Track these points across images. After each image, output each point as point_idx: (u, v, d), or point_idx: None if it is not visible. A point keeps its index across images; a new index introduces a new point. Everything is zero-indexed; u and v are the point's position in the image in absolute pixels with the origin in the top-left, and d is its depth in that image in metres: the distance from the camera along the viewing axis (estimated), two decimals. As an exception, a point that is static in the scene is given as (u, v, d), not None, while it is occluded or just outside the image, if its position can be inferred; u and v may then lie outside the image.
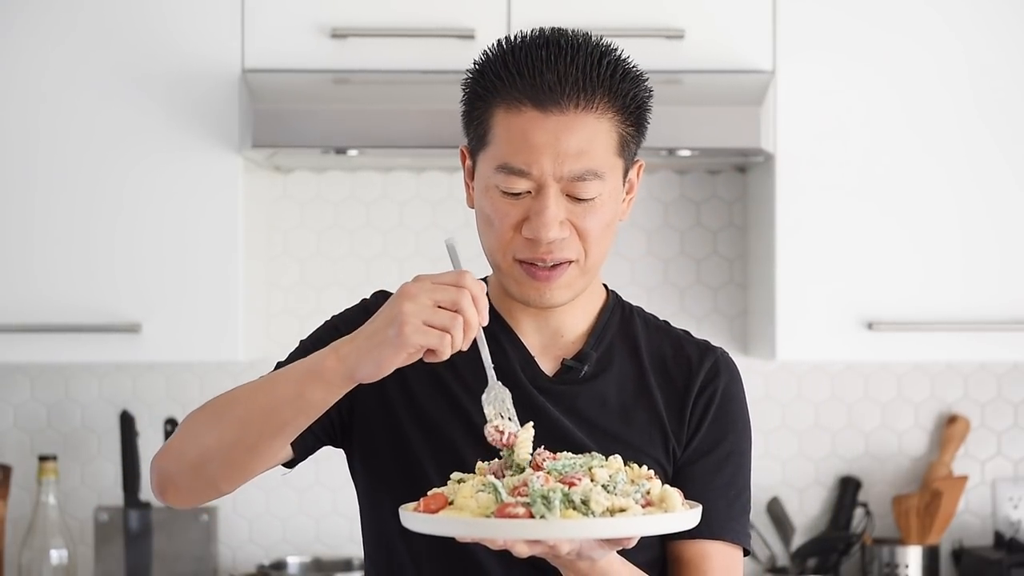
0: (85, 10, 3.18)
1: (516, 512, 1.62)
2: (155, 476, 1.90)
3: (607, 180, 1.84)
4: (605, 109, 1.83)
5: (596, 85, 1.82)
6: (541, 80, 1.81)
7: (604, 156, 1.83)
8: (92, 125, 3.19)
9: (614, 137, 1.84)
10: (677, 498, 1.69)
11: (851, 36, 3.21)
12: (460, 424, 1.90)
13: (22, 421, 3.58)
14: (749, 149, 3.16)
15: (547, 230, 1.81)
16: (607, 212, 1.85)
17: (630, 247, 3.57)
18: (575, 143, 1.81)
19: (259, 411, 1.79)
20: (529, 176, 1.82)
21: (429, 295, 1.69)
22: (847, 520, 3.54)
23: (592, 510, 1.63)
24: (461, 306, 1.69)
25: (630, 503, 1.65)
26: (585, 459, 1.72)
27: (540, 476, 1.66)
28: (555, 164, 1.81)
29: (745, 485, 1.96)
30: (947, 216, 3.22)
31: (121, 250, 3.19)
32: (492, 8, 3.18)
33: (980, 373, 3.59)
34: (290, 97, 3.16)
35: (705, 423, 1.93)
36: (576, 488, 1.64)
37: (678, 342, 1.98)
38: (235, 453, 1.81)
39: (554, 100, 1.80)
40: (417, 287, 1.70)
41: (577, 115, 1.81)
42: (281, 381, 1.78)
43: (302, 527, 3.58)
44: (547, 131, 1.81)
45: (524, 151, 1.81)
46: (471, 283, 1.71)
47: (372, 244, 3.59)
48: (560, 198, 1.82)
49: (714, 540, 1.91)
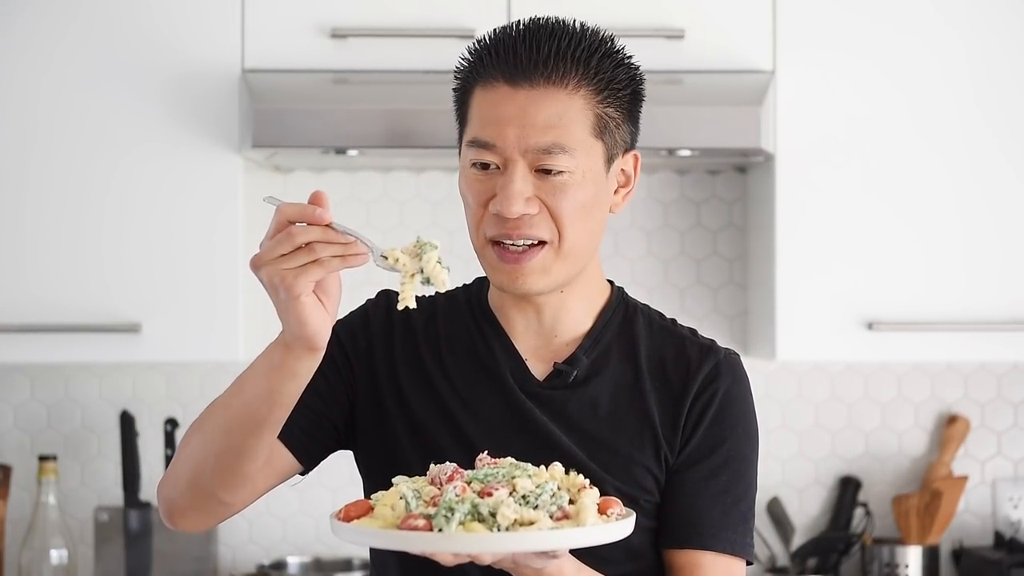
0: (85, 10, 3.19)
1: (416, 524, 1.60)
2: (161, 504, 1.91)
3: (577, 157, 1.80)
4: (578, 86, 1.81)
5: (570, 62, 1.80)
6: (515, 56, 1.80)
7: (575, 133, 1.80)
8: (92, 125, 3.19)
9: (589, 116, 1.81)
10: (590, 513, 1.64)
11: (851, 36, 3.21)
12: (446, 426, 1.88)
13: (22, 421, 3.58)
14: (749, 149, 3.16)
15: (510, 203, 1.79)
16: (581, 192, 1.81)
17: (630, 247, 3.57)
18: (543, 116, 1.79)
19: (237, 414, 1.78)
20: (495, 149, 1.80)
21: (269, 251, 1.64)
22: (847, 520, 3.54)
23: (498, 523, 1.60)
24: (297, 237, 1.63)
25: (540, 516, 1.61)
26: (509, 469, 1.68)
27: (458, 486, 1.63)
28: (520, 136, 1.79)
29: (745, 493, 1.90)
30: (947, 216, 3.22)
31: (121, 250, 3.19)
32: (492, 8, 3.18)
33: (980, 373, 3.59)
34: (290, 97, 3.16)
35: (701, 428, 1.88)
36: (488, 499, 1.62)
37: (680, 344, 1.93)
38: (225, 459, 1.81)
39: (525, 74, 1.80)
40: (259, 255, 1.65)
41: (547, 89, 1.80)
42: (249, 381, 1.77)
43: (302, 527, 3.58)
44: (515, 104, 1.80)
45: (492, 124, 1.80)
46: (288, 213, 1.63)
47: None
48: (528, 174, 1.80)
49: (706, 551, 1.86)
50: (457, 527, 1.59)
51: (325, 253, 1.64)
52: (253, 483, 1.85)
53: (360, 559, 3.48)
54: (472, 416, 1.88)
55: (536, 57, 1.80)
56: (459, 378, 1.89)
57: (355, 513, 1.67)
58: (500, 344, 1.91)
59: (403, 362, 1.92)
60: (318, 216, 1.63)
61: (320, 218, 1.63)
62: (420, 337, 1.93)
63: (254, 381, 1.77)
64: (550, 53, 1.80)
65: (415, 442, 1.88)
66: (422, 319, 1.94)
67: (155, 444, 3.54)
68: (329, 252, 1.64)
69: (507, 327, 1.92)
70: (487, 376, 1.89)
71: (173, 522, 1.90)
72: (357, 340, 1.94)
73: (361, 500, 1.70)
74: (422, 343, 1.92)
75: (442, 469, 1.70)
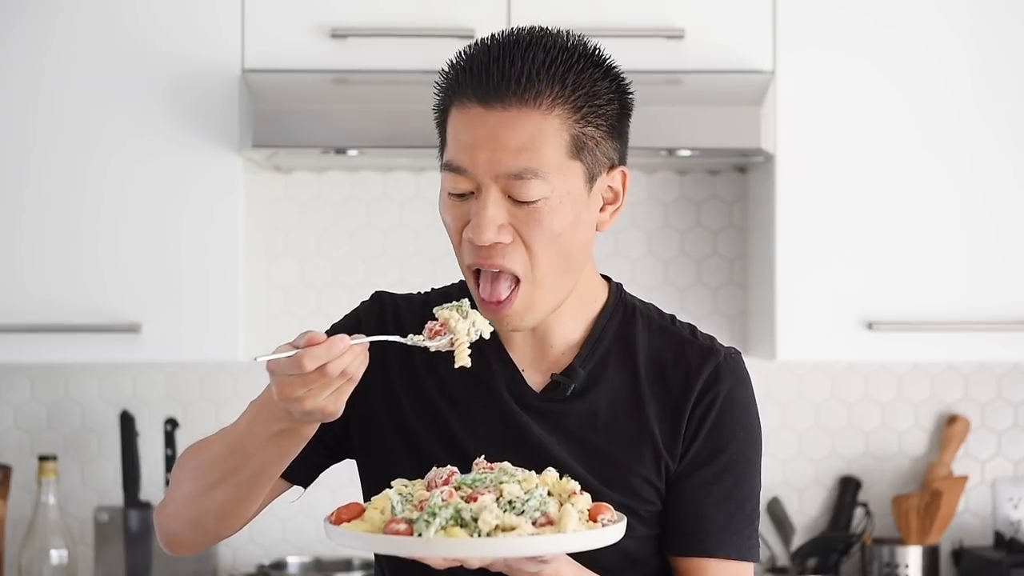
0: (85, 10, 3.18)
1: (397, 529, 1.60)
2: (160, 533, 1.92)
3: (552, 182, 1.73)
4: (552, 105, 1.73)
5: (543, 80, 1.73)
6: (487, 76, 1.73)
7: (550, 156, 1.73)
8: (92, 125, 3.19)
9: (565, 137, 1.74)
10: (572, 519, 1.63)
11: (851, 36, 3.21)
12: (441, 439, 1.85)
13: (22, 421, 3.58)
14: (749, 149, 3.16)
15: (481, 231, 1.73)
16: (558, 218, 1.75)
17: (630, 247, 3.57)
18: (515, 140, 1.72)
19: (244, 470, 1.79)
20: (467, 174, 1.74)
21: (317, 395, 1.65)
22: (847, 520, 3.54)
23: (479, 528, 1.59)
24: (333, 374, 1.63)
25: (521, 522, 1.61)
26: (497, 474, 1.68)
27: (445, 491, 1.63)
28: (491, 161, 1.72)
29: (749, 495, 1.86)
30: (948, 216, 3.22)
31: (121, 250, 3.19)
32: (492, 8, 3.18)
33: (980, 373, 3.59)
34: (290, 97, 3.16)
35: (702, 434, 1.84)
36: (473, 504, 1.61)
37: (680, 346, 1.88)
38: (229, 507, 1.84)
39: (498, 95, 1.73)
40: (291, 399, 1.65)
41: (520, 110, 1.72)
42: (253, 444, 1.76)
43: (302, 527, 3.58)
44: (488, 127, 1.73)
45: (464, 148, 1.74)
46: (309, 364, 1.62)
47: (372, 244, 3.59)
48: (501, 199, 1.74)
49: (711, 557, 1.84)
50: (438, 532, 1.59)
51: (354, 370, 1.65)
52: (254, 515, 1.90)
53: (360, 559, 3.48)
54: (469, 429, 1.85)
55: (508, 75, 1.72)
56: (455, 390, 1.86)
57: (346, 516, 1.68)
58: (496, 356, 1.87)
59: (398, 372, 1.89)
60: (342, 349, 1.63)
61: (344, 350, 1.63)
62: (415, 349, 1.86)
63: (258, 445, 1.76)
64: (522, 71, 1.72)
65: (410, 454, 1.86)
66: (416, 325, 1.87)
67: (155, 444, 3.54)
68: (356, 366, 1.65)
69: (503, 338, 1.87)
70: (483, 389, 1.86)
71: (172, 550, 1.93)
72: None
73: (353, 503, 1.70)
74: (417, 356, 1.88)
75: (439, 473, 1.70)
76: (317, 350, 1.62)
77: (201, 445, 1.86)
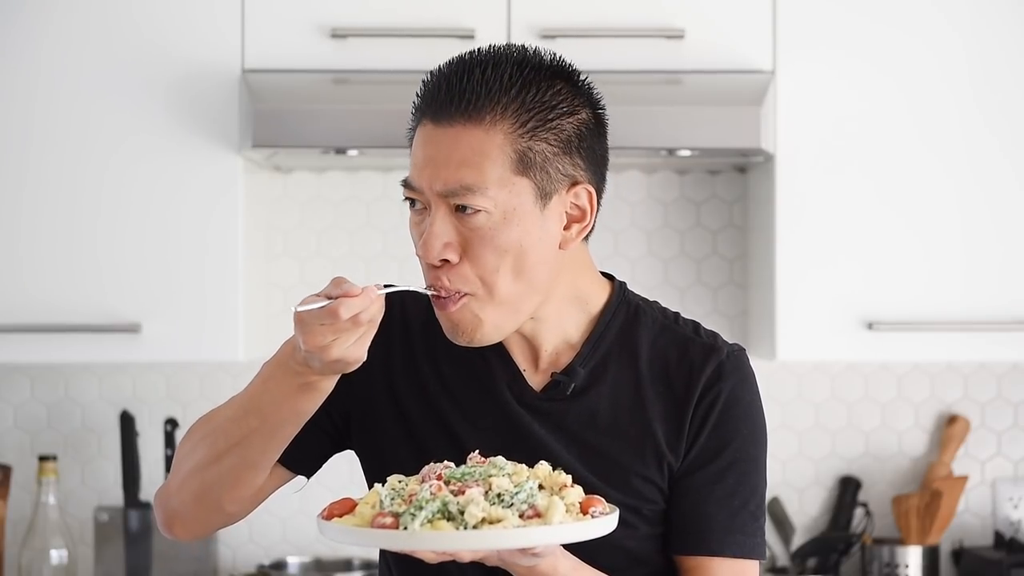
0: (84, 10, 3.18)
1: (384, 522, 1.61)
2: (160, 513, 1.92)
3: (493, 198, 1.74)
4: (494, 122, 1.75)
5: (485, 96, 1.75)
6: (439, 95, 1.77)
7: (491, 172, 1.74)
8: (92, 125, 3.19)
9: (508, 153, 1.75)
10: (558, 511, 1.63)
11: (851, 36, 3.21)
12: (444, 437, 1.86)
13: (22, 421, 3.58)
14: (749, 149, 3.16)
15: (427, 247, 1.76)
16: (501, 236, 1.75)
17: (630, 247, 3.57)
18: (456, 156, 1.75)
19: (258, 432, 1.80)
20: (415, 190, 1.78)
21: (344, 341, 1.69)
22: (847, 520, 3.54)
23: (465, 521, 1.60)
24: (361, 319, 1.67)
25: (507, 515, 1.61)
26: (486, 468, 1.68)
27: (432, 484, 1.64)
28: (434, 177, 1.76)
29: (752, 493, 1.86)
30: (948, 216, 3.22)
31: (121, 250, 3.19)
32: (492, 8, 3.18)
33: (980, 373, 3.59)
34: (290, 97, 3.16)
35: (705, 432, 1.84)
36: (460, 498, 1.62)
37: (683, 344, 1.88)
38: (237, 472, 1.83)
39: (445, 112, 1.76)
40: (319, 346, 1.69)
41: (465, 127, 1.75)
42: (270, 404, 1.78)
43: (302, 527, 3.58)
44: (435, 144, 1.77)
45: (416, 166, 1.79)
46: (345, 313, 1.67)
47: (372, 244, 3.59)
48: (448, 217, 1.76)
49: (715, 556, 1.84)
50: (424, 525, 1.60)
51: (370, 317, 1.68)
52: (259, 492, 1.88)
53: (360, 559, 3.48)
54: (470, 428, 1.86)
55: (455, 92, 1.76)
56: (456, 389, 1.87)
57: (338, 511, 1.69)
58: (497, 356, 1.87)
59: (400, 371, 1.90)
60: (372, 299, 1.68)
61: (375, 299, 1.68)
62: (418, 344, 1.91)
63: (276, 403, 1.77)
64: (468, 88, 1.75)
65: (412, 449, 1.86)
66: (420, 323, 1.91)
67: (155, 444, 3.54)
68: (372, 312, 1.68)
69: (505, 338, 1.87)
70: (484, 388, 1.87)
71: (172, 531, 1.92)
72: None
73: (346, 498, 1.71)
74: (420, 351, 1.90)
75: (433, 468, 1.70)
76: (353, 302, 1.66)
77: (211, 414, 1.87)
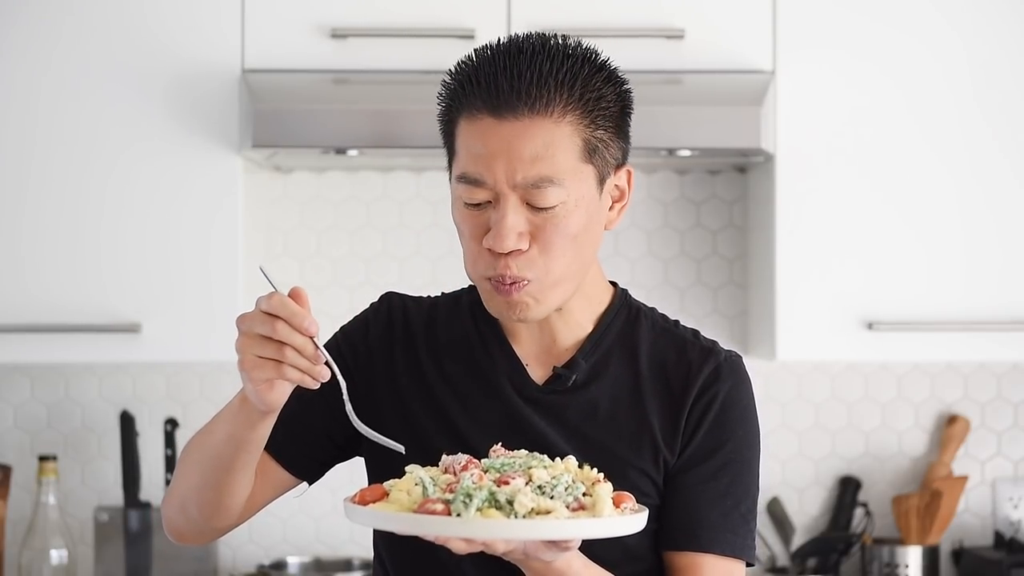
0: (85, 10, 3.18)
1: (435, 508, 1.61)
2: (164, 523, 1.97)
3: (568, 187, 1.77)
4: (563, 113, 1.77)
5: (552, 88, 1.76)
6: (496, 86, 1.76)
7: (565, 162, 1.77)
8: (92, 125, 3.19)
9: (577, 142, 1.78)
10: (606, 504, 1.64)
11: (851, 36, 3.21)
12: (446, 432, 1.87)
13: (22, 421, 3.58)
14: (749, 149, 3.16)
15: (503, 240, 1.76)
16: (573, 222, 1.79)
17: (630, 247, 3.57)
18: (529, 149, 1.76)
19: (209, 453, 1.83)
20: (485, 185, 1.77)
21: (249, 326, 1.69)
22: (847, 520, 3.54)
23: (515, 511, 1.60)
24: (280, 334, 1.66)
25: (557, 506, 1.62)
26: (525, 459, 1.69)
27: (474, 473, 1.64)
28: (509, 171, 1.76)
29: (745, 494, 1.89)
30: (948, 216, 3.22)
31: (121, 250, 3.19)
32: (492, 8, 3.18)
33: (980, 373, 3.59)
34: (290, 97, 3.16)
35: (701, 431, 1.87)
36: (505, 488, 1.62)
37: (682, 347, 1.91)
38: (204, 493, 1.87)
39: (509, 106, 1.76)
40: (242, 320, 1.69)
41: (533, 120, 1.76)
42: (219, 424, 1.82)
43: (302, 527, 3.58)
44: (501, 138, 1.76)
45: (479, 160, 1.77)
46: (277, 306, 1.67)
47: (372, 244, 3.59)
48: (520, 206, 1.77)
49: (704, 553, 1.86)
50: (475, 513, 1.59)
51: (289, 362, 1.67)
52: (239, 511, 1.91)
53: (360, 559, 3.48)
54: (471, 421, 1.87)
55: (518, 86, 1.76)
56: (458, 383, 1.89)
57: (370, 498, 1.68)
58: (500, 349, 1.90)
59: (403, 369, 1.92)
60: (306, 327, 1.67)
61: (308, 329, 1.67)
62: (420, 343, 1.93)
63: (222, 426, 1.81)
64: (532, 81, 1.76)
65: (416, 447, 1.86)
66: (423, 323, 1.94)
67: (155, 444, 3.54)
68: (295, 363, 1.68)
69: (508, 331, 1.91)
70: (485, 381, 1.88)
71: (177, 540, 1.98)
72: (357, 351, 1.94)
73: (376, 485, 1.70)
74: (422, 349, 1.92)
75: (456, 459, 1.70)
76: (288, 306, 1.67)
77: (193, 436, 1.91)
